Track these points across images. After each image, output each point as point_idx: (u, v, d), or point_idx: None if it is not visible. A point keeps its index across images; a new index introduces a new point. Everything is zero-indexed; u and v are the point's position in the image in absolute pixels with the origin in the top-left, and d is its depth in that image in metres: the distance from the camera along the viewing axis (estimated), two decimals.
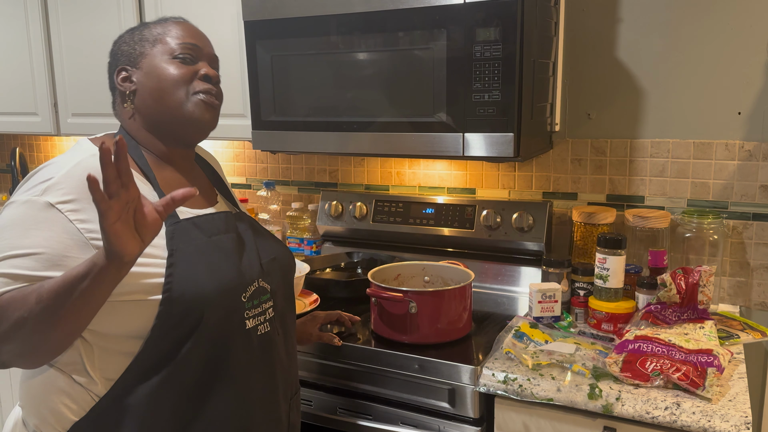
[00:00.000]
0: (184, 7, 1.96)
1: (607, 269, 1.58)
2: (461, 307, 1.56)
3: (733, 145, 1.74)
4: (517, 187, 2.00)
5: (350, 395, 1.56)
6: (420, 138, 1.61)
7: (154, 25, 1.19)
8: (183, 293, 1.03)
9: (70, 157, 1.08)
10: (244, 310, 1.12)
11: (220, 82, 1.21)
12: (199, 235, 1.11)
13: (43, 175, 1.04)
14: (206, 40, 1.21)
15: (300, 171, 2.33)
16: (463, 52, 1.52)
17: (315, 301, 1.77)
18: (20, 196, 1.03)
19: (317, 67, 1.70)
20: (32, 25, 2.29)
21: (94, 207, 0.99)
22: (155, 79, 1.14)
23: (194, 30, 1.20)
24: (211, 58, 1.21)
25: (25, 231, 0.99)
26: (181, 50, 1.15)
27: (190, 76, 1.15)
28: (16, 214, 1.01)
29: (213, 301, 1.06)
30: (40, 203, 1.00)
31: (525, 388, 1.35)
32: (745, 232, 1.75)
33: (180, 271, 1.04)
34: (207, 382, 1.08)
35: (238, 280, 1.11)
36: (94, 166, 1.04)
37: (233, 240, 1.16)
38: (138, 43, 1.17)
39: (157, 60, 1.15)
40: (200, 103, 1.15)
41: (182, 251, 1.06)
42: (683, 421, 1.22)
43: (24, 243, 0.98)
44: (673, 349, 1.37)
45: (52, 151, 2.88)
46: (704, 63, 1.74)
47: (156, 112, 1.15)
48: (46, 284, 0.92)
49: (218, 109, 1.19)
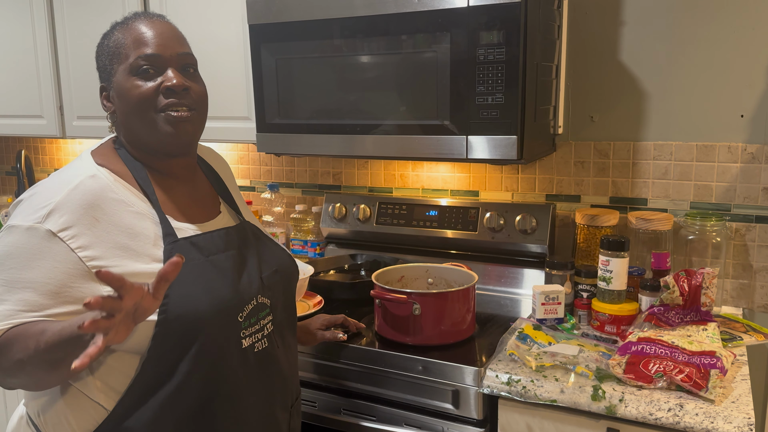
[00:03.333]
0: (189, 10, 1.97)
1: (611, 271, 1.58)
2: (465, 309, 1.57)
3: (736, 147, 1.74)
4: (521, 189, 2.01)
5: (354, 396, 1.56)
6: (423, 140, 1.61)
7: (118, 29, 1.14)
8: (179, 315, 1.03)
9: (69, 176, 1.07)
10: (241, 330, 1.12)
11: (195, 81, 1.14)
12: (197, 255, 1.10)
13: (43, 199, 1.03)
14: (170, 39, 1.12)
15: (304, 173, 2.34)
16: (467, 55, 1.52)
17: (319, 302, 1.77)
18: (22, 220, 1.02)
19: (321, 70, 1.71)
20: (38, 28, 2.30)
21: (94, 232, 1.01)
22: (124, 101, 1.11)
23: (154, 30, 1.12)
24: (179, 58, 1.13)
25: (29, 261, 0.99)
26: (139, 65, 1.09)
27: (152, 94, 1.10)
28: (19, 242, 1.01)
29: (209, 322, 1.06)
30: (42, 232, 1.00)
31: (528, 389, 1.36)
32: (748, 234, 1.76)
33: (176, 292, 1.03)
34: (206, 402, 1.08)
35: (234, 300, 1.11)
36: (92, 189, 1.05)
37: (232, 258, 1.15)
38: (107, 57, 1.13)
39: (121, 79, 1.11)
40: (170, 119, 1.10)
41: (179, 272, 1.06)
42: (686, 423, 1.22)
43: (28, 276, 0.99)
44: (676, 351, 1.37)
45: (58, 154, 2.90)
46: (707, 66, 1.75)
47: (132, 132, 1.14)
48: (47, 333, 0.91)
49: (194, 115, 1.13)
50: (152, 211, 1.10)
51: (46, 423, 1.09)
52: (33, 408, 1.12)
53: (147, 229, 1.07)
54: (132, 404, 1.04)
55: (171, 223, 1.11)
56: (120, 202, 1.07)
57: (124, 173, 1.12)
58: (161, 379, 1.05)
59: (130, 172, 1.13)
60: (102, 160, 1.12)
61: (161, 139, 1.12)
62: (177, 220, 1.13)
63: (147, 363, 1.03)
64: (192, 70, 1.15)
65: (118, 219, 1.05)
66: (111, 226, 1.04)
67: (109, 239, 1.03)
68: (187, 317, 1.04)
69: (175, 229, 1.10)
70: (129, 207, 1.08)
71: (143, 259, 1.05)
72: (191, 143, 1.17)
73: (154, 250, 1.06)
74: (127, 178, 1.12)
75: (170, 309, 1.03)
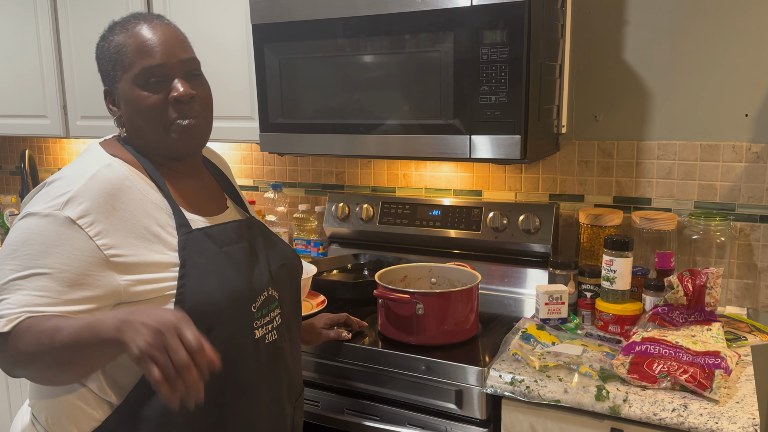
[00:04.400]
0: (192, 11, 1.97)
1: (614, 271, 1.58)
2: (468, 309, 1.57)
3: (740, 147, 1.73)
4: (524, 189, 2.00)
5: (357, 396, 1.56)
6: (427, 140, 1.61)
7: (118, 32, 1.11)
8: (194, 304, 1.03)
9: (84, 167, 1.07)
10: (254, 320, 1.13)
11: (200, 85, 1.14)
12: (211, 246, 1.11)
13: (62, 187, 1.03)
14: (173, 45, 1.11)
15: (307, 173, 2.34)
16: (470, 54, 1.52)
17: (322, 302, 1.77)
18: (40, 207, 1.01)
19: (324, 69, 1.70)
20: (42, 28, 2.30)
21: (111, 221, 1.01)
22: (131, 109, 1.11)
23: (157, 37, 1.10)
24: (183, 64, 1.12)
25: (47, 248, 0.98)
26: (145, 76, 1.09)
27: (161, 106, 1.10)
28: (37, 228, 1.00)
29: (223, 312, 1.07)
30: (60, 218, 0.99)
31: (532, 389, 1.35)
32: (753, 234, 1.75)
33: (191, 282, 1.04)
34: (219, 392, 1.08)
35: (248, 291, 1.12)
36: (109, 178, 1.05)
37: (244, 249, 1.16)
38: (109, 61, 1.12)
39: (127, 89, 1.10)
40: (178, 128, 1.11)
41: (194, 262, 1.06)
42: (691, 423, 1.22)
43: (46, 262, 0.98)
44: (680, 351, 1.37)
45: (62, 154, 2.90)
46: (711, 65, 1.74)
47: (141, 138, 1.14)
48: (62, 331, 0.90)
49: (201, 122, 1.14)
50: (165, 202, 1.11)
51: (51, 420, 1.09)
52: (37, 405, 1.12)
53: (161, 219, 1.08)
54: (143, 395, 1.04)
55: (184, 213, 1.11)
56: (136, 191, 1.08)
57: (135, 164, 1.13)
58: None
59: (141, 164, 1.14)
60: (113, 151, 1.13)
61: (170, 146, 1.13)
62: (189, 212, 1.13)
63: None
64: (197, 74, 1.16)
65: (134, 208, 1.06)
66: (128, 215, 1.04)
67: (126, 228, 1.03)
68: (202, 307, 1.04)
69: (189, 220, 1.11)
70: (145, 196, 1.08)
71: (159, 249, 1.05)
72: (200, 147, 1.19)
73: (170, 239, 1.07)
74: (139, 169, 1.13)
75: (186, 299, 1.03)
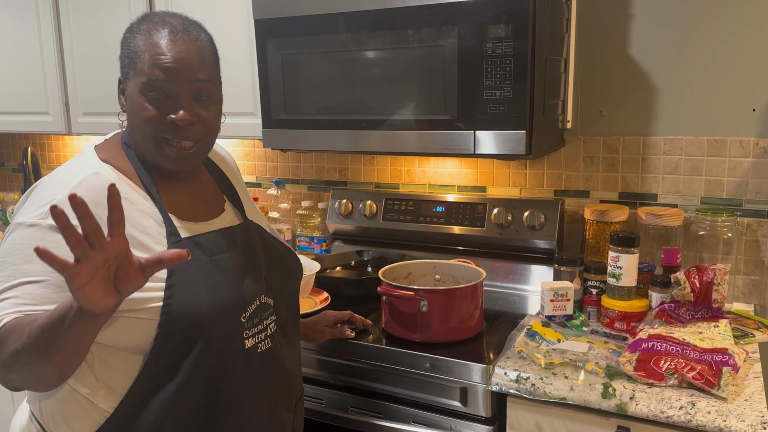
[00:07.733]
0: (194, 6, 1.96)
1: (620, 267, 1.57)
2: (473, 306, 1.56)
3: (748, 142, 1.72)
4: (529, 185, 1.99)
5: (361, 394, 1.55)
6: (431, 136, 1.60)
7: (143, 32, 1.08)
8: (182, 315, 1.02)
9: (71, 174, 1.06)
10: (243, 330, 1.11)
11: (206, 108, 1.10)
12: (200, 255, 1.09)
13: (46, 196, 1.03)
14: (188, 63, 1.06)
15: (310, 169, 2.33)
16: (474, 49, 1.51)
17: (325, 299, 1.76)
18: (25, 217, 1.02)
19: (327, 65, 1.69)
20: (44, 26, 2.30)
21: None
22: (132, 113, 1.10)
23: (174, 51, 1.06)
24: (192, 86, 1.07)
25: (31, 255, 0.95)
26: (150, 89, 1.06)
27: (158, 121, 1.07)
28: (23, 237, 1.00)
29: (211, 322, 1.06)
30: (44, 226, 1.00)
31: (538, 387, 1.34)
32: (760, 230, 1.73)
33: (179, 291, 1.03)
34: (209, 403, 1.07)
35: (237, 300, 1.10)
36: (95, 186, 1.04)
37: (235, 258, 1.14)
38: (126, 57, 1.09)
39: (133, 92, 1.08)
40: (168, 153, 1.08)
41: (182, 271, 1.05)
42: (698, 421, 1.21)
43: (32, 268, 0.98)
44: (687, 348, 1.35)
45: (64, 150, 2.90)
46: (718, 59, 1.72)
47: (136, 144, 1.12)
48: (39, 319, 0.90)
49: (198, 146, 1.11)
50: (155, 210, 1.09)
51: (48, 423, 1.09)
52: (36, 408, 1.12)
53: (150, 228, 1.07)
54: (134, 405, 1.04)
55: (174, 222, 1.10)
56: (123, 200, 1.06)
57: (128, 170, 1.11)
58: (163, 379, 1.04)
59: (134, 169, 1.12)
60: (106, 156, 1.11)
61: (159, 162, 1.11)
62: (180, 219, 1.12)
63: (149, 363, 1.03)
64: (206, 97, 1.10)
65: None
66: None
67: None
68: (190, 317, 1.03)
69: (179, 228, 1.10)
70: (132, 205, 1.07)
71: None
72: (192, 167, 1.16)
73: (157, 248, 1.05)
74: (130, 175, 1.11)
75: (173, 308, 1.02)
